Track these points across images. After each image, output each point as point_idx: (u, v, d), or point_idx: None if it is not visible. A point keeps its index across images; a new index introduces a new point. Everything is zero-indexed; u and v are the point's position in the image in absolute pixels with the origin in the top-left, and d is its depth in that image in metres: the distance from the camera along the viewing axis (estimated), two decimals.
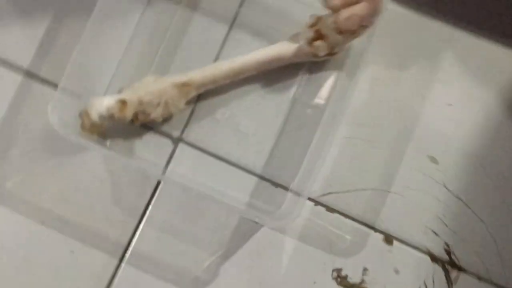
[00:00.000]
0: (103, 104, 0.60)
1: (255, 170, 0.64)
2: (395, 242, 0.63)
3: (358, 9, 0.58)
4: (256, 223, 0.63)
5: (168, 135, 0.65)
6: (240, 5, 0.66)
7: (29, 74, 0.66)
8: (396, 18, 0.66)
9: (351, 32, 0.59)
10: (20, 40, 0.66)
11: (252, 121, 0.65)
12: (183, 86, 0.62)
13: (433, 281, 0.63)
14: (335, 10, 0.59)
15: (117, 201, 0.64)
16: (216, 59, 0.66)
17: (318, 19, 0.61)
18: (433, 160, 0.64)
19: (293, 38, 0.63)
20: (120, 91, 0.62)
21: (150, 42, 0.66)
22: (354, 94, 0.64)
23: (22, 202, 0.64)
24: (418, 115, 0.64)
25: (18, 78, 0.66)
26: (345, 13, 0.58)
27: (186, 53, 0.66)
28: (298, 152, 0.64)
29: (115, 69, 0.65)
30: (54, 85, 0.65)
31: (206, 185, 0.64)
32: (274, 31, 0.66)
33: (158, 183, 0.64)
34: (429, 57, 0.65)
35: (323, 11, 0.61)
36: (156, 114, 0.62)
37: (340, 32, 0.60)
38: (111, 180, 0.64)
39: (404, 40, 0.66)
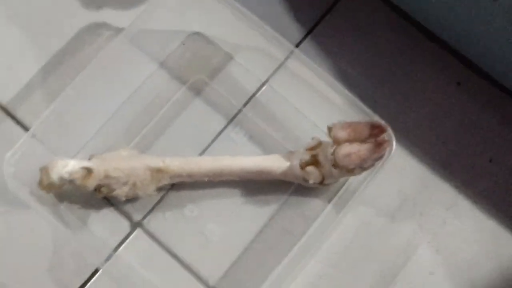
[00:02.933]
0: (67, 167, 0.56)
1: (209, 281, 0.58)
2: None
3: (361, 149, 0.53)
4: None
5: (128, 216, 0.59)
6: (245, 103, 0.62)
7: (6, 111, 0.61)
8: (402, 166, 0.61)
9: (347, 169, 0.55)
10: (6, 75, 0.62)
11: (220, 228, 0.59)
12: (158, 172, 0.57)
13: None
14: (338, 142, 0.54)
15: (52, 272, 0.58)
16: (203, 151, 0.61)
17: (318, 145, 0.57)
18: None
19: (288, 155, 0.58)
20: (90, 157, 0.58)
21: (142, 113, 0.62)
22: (335, 232, 0.59)
23: None
24: (396, 274, 0.59)
25: None
26: (345, 149, 0.54)
27: (174, 136, 0.61)
28: (259, 275, 0.58)
29: (95, 131, 0.61)
30: (27, 129, 0.60)
31: (150, 283, 0.57)
32: (271, 140, 0.61)
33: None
34: (425, 217, 0.60)
35: (327, 137, 0.57)
36: (121, 192, 0.57)
37: (336, 166, 0.55)
38: (53, 248, 0.58)
39: (404, 191, 0.61)
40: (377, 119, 0.56)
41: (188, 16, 0.63)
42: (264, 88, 0.63)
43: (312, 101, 0.61)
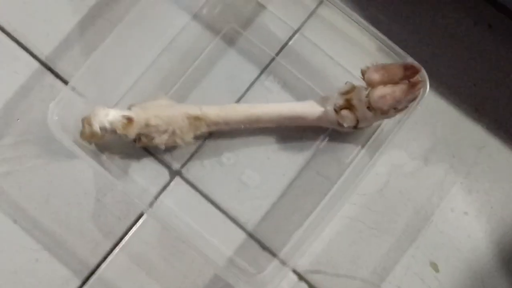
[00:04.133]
0: (108, 116, 0.57)
1: (247, 226, 0.60)
2: None
3: (395, 90, 0.54)
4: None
5: (167, 165, 0.61)
6: (278, 52, 0.63)
7: (45, 65, 0.63)
8: (434, 109, 0.62)
9: (381, 111, 0.55)
10: (46, 29, 0.63)
11: (257, 174, 0.61)
12: (196, 119, 0.58)
13: None
14: (372, 84, 0.55)
15: (96, 218, 0.60)
16: (238, 100, 0.62)
17: (352, 88, 0.58)
18: (434, 267, 0.59)
19: (322, 100, 0.59)
20: (129, 107, 0.59)
21: (178, 64, 0.63)
22: (369, 175, 0.60)
23: (1, 193, 0.60)
24: (430, 216, 0.60)
25: (34, 65, 0.62)
26: (380, 91, 0.54)
27: (209, 86, 0.62)
28: (296, 219, 0.60)
29: (133, 82, 0.62)
30: (66, 83, 0.62)
31: (191, 227, 0.59)
32: (305, 87, 0.62)
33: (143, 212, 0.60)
34: (457, 159, 0.61)
35: (360, 82, 0.57)
36: (160, 140, 0.58)
37: (371, 108, 0.56)
38: (96, 195, 0.60)
39: (436, 133, 0.61)
40: (410, 60, 0.57)
41: None
42: (296, 36, 0.63)
43: (344, 47, 0.62)
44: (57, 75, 0.62)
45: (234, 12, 0.64)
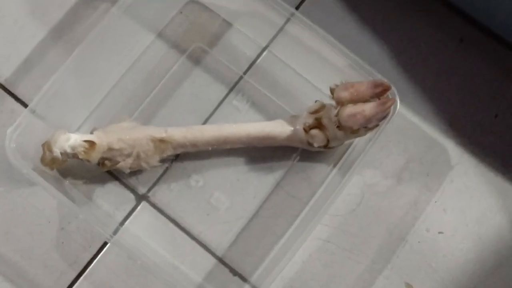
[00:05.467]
0: (69, 141, 0.55)
1: (216, 251, 0.58)
2: None
3: (366, 108, 0.53)
4: None
5: (133, 190, 0.59)
6: (246, 71, 0.61)
7: (5, 88, 0.60)
8: (406, 126, 0.60)
9: (351, 130, 0.54)
10: (6, 52, 0.61)
11: (226, 196, 0.59)
12: (161, 142, 0.56)
13: None
14: (341, 103, 0.54)
15: (60, 247, 0.58)
16: (206, 121, 0.60)
17: (322, 107, 0.56)
18: None
19: (292, 120, 0.58)
20: (92, 131, 0.57)
21: (142, 85, 0.61)
22: (341, 195, 0.59)
23: None
24: (405, 235, 0.58)
25: None
26: (349, 110, 0.53)
27: (175, 107, 0.61)
28: (267, 242, 0.58)
29: (96, 105, 0.60)
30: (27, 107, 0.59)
31: (159, 254, 0.57)
32: (274, 106, 0.61)
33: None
34: (431, 177, 0.59)
35: (330, 100, 0.56)
36: (124, 164, 0.56)
37: (341, 127, 0.54)
38: (60, 223, 0.58)
39: (409, 151, 0.60)
40: (379, 78, 0.55)
41: None
42: (264, 54, 0.62)
43: (314, 65, 0.60)
44: (17, 99, 0.60)
45: (200, 31, 0.62)
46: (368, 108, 0.53)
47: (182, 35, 0.62)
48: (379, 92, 0.53)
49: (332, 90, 0.55)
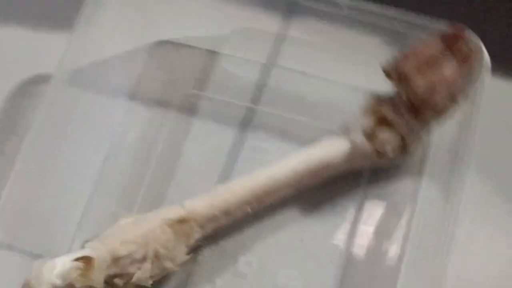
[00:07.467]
0: (56, 269, 0.38)
1: None
2: None
3: (444, 71, 0.37)
4: None
5: None
6: (255, 99, 0.46)
7: None
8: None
9: (434, 108, 0.38)
10: None
11: (295, 269, 0.42)
12: (182, 223, 0.40)
13: None
14: (407, 77, 0.38)
15: None
16: (226, 178, 0.45)
17: (379, 101, 0.41)
18: None
19: (342, 133, 0.42)
20: (83, 245, 0.40)
21: (132, 166, 0.45)
22: (452, 231, 0.41)
23: None
24: None
25: None
26: (424, 80, 0.37)
27: (183, 175, 0.45)
28: None
29: (80, 212, 0.44)
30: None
31: None
32: (305, 129, 0.45)
33: None
34: None
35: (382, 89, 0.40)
36: (143, 274, 0.39)
37: (417, 112, 0.38)
38: None
39: None
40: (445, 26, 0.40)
41: (140, 27, 0.48)
42: (272, 71, 0.47)
43: (334, 60, 0.46)
44: None
45: (182, 74, 0.48)
46: (447, 67, 0.37)
47: (161, 86, 0.47)
48: (451, 44, 0.38)
49: (386, 70, 0.39)
